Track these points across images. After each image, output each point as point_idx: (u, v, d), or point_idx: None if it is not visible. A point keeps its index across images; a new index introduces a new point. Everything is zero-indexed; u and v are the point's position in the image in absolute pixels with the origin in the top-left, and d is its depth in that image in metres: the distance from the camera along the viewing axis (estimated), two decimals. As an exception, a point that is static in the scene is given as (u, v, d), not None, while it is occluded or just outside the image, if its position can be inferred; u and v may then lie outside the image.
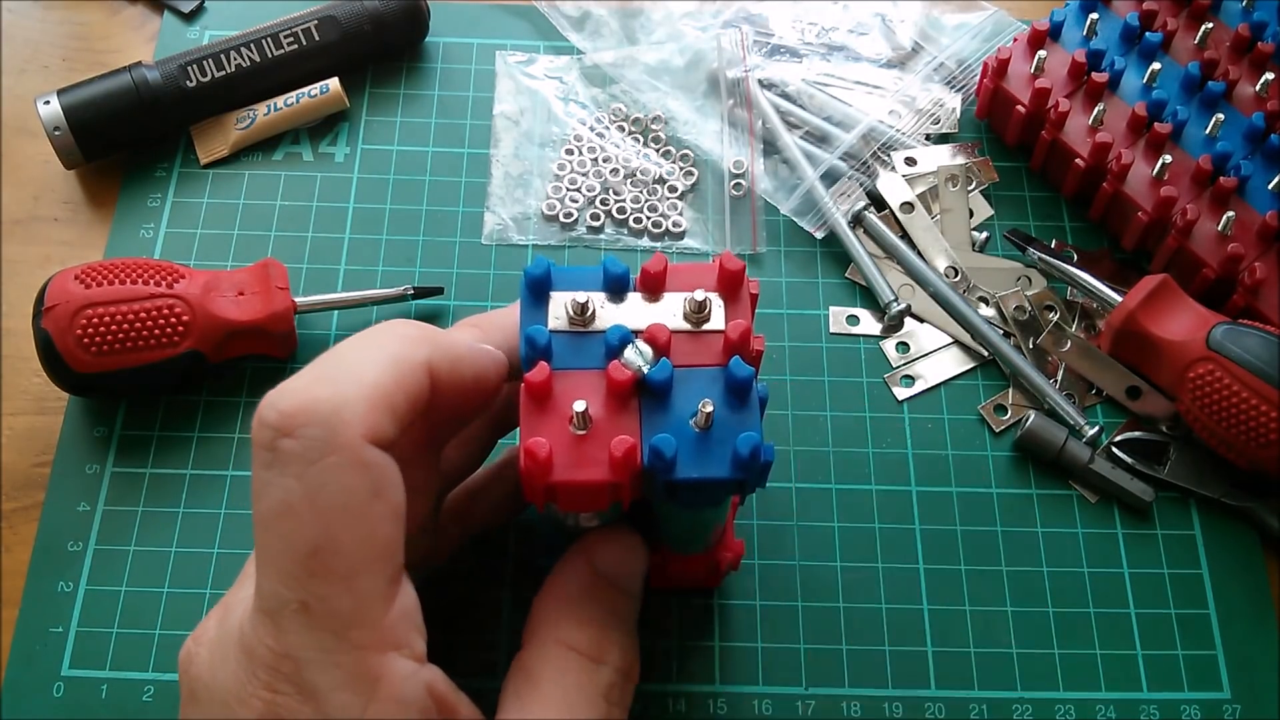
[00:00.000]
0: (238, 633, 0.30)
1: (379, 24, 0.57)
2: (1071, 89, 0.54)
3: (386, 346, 0.32)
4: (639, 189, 0.55)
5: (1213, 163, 0.50)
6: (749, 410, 0.34)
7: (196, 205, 0.54)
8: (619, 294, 0.37)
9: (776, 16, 0.60)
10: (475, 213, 0.55)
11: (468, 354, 0.34)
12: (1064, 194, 0.55)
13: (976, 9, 0.61)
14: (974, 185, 0.56)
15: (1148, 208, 0.51)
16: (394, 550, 0.30)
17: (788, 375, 0.51)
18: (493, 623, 0.45)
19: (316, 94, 0.56)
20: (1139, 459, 0.49)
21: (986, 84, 0.55)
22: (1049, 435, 0.48)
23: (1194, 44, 0.55)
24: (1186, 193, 0.51)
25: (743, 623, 0.46)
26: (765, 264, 0.54)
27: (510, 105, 0.58)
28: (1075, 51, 0.54)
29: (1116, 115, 0.53)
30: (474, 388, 0.35)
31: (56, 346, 0.46)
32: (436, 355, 0.33)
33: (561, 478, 0.33)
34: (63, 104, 0.52)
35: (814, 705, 0.44)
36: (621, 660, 0.36)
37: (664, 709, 0.44)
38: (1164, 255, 0.51)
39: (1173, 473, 0.48)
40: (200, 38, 0.59)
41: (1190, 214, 0.49)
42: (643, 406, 0.35)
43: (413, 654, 0.31)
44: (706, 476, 0.34)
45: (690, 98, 0.58)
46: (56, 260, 0.53)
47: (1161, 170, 0.51)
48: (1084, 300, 0.52)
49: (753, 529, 0.47)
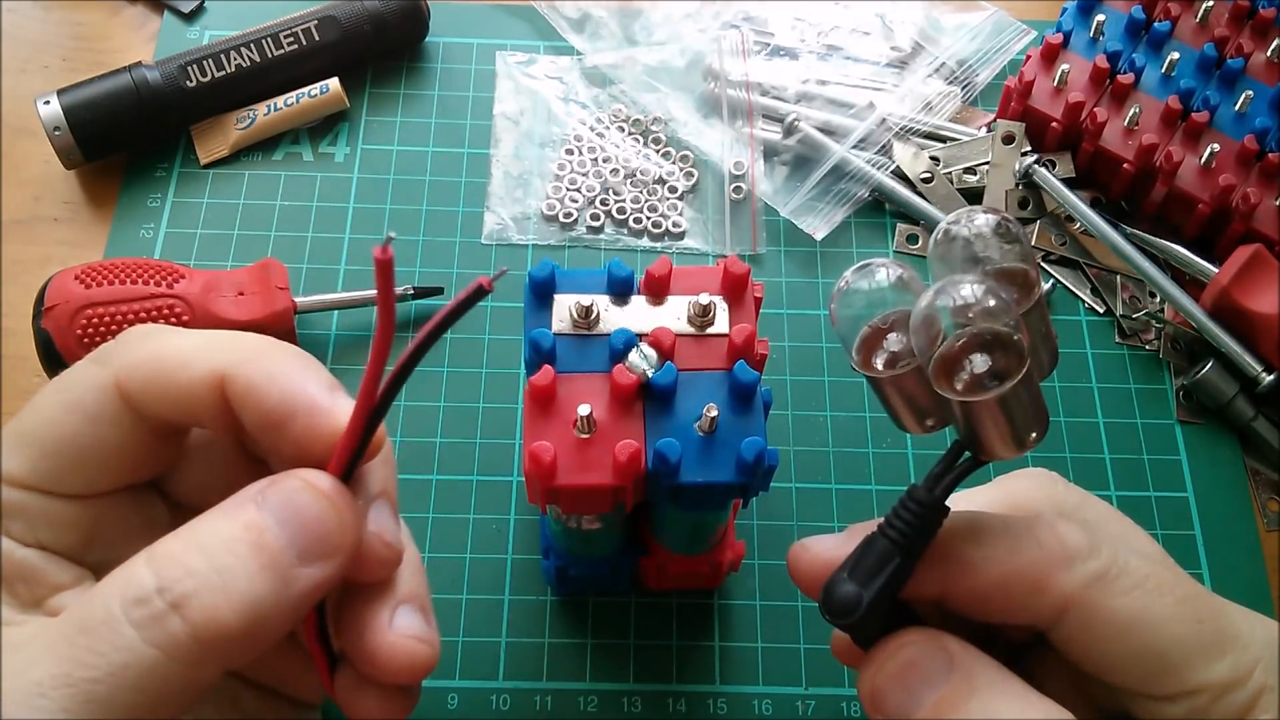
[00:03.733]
0: None
1: (379, 24, 0.57)
2: (1098, 95, 0.54)
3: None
4: (639, 189, 0.56)
5: (1257, 141, 0.51)
6: (753, 414, 0.35)
7: (196, 205, 0.54)
8: (623, 297, 0.37)
9: (776, 17, 0.60)
10: (475, 213, 0.55)
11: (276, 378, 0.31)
12: (1113, 197, 0.55)
13: (976, 9, 0.61)
14: (1026, 149, 0.56)
15: (1206, 198, 0.51)
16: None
17: (788, 376, 0.51)
18: (493, 626, 0.45)
19: (316, 94, 0.56)
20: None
21: (1014, 106, 0.56)
22: (1220, 386, 0.49)
23: (1196, 23, 0.56)
24: (1237, 175, 0.51)
25: (743, 623, 0.46)
26: (765, 264, 0.54)
27: (510, 105, 0.58)
28: (1096, 57, 0.54)
29: (1149, 111, 0.53)
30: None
31: (56, 346, 0.46)
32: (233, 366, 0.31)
33: (565, 481, 0.34)
34: (63, 104, 0.52)
35: (814, 705, 0.44)
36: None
37: (664, 709, 0.44)
38: (1231, 239, 0.52)
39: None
40: (200, 38, 0.59)
41: (1253, 198, 0.50)
42: (646, 410, 0.35)
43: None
44: (710, 481, 0.34)
45: (690, 99, 0.58)
46: (56, 260, 0.53)
47: (1210, 158, 0.52)
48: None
49: (753, 529, 0.47)
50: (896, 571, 0.30)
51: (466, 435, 0.49)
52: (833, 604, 0.30)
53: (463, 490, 0.48)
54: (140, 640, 0.26)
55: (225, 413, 0.31)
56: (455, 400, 0.50)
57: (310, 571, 0.28)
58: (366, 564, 0.31)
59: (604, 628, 0.45)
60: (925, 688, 0.30)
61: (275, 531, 0.28)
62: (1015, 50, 0.60)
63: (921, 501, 0.30)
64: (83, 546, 0.32)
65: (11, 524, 0.30)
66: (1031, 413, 0.29)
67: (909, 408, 0.31)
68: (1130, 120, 0.53)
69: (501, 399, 0.50)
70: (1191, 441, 0.50)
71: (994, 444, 0.29)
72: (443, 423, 0.49)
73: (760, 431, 0.34)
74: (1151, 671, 0.30)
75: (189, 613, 0.26)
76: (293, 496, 0.29)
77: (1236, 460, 0.50)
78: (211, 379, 0.30)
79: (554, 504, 0.35)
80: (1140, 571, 0.31)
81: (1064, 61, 0.55)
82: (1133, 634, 0.30)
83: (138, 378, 0.31)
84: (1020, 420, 0.28)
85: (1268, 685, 0.30)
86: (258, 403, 0.30)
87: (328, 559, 0.29)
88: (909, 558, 0.30)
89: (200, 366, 0.30)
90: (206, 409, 0.31)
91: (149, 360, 0.31)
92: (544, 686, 0.44)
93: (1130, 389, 0.51)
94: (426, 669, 0.31)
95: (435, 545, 0.47)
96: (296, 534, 0.28)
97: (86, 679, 0.26)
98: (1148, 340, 0.52)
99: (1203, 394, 0.50)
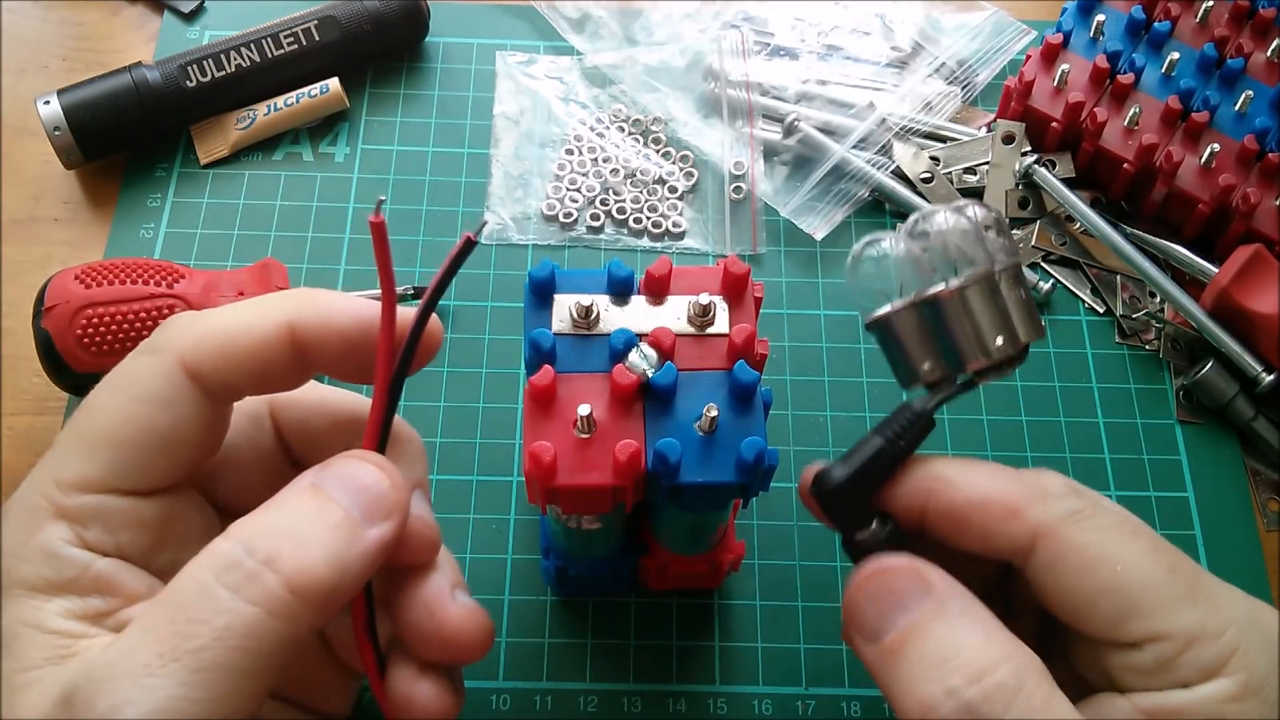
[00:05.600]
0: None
1: (379, 24, 0.57)
2: (1098, 95, 0.54)
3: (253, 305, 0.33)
4: (639, 189, 0.56)
5: (1257, 141, 0.51)
6: (753, 414, 0.35)
7: (196, 205, 0.54)
8: (623, 297, 0.37)
9: (776, 18, 0.60)
10: (475, 213, 0.55)
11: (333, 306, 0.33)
12: (1113, 197, 0.55)
13: (976, 9, 0.61)
14: (1026, 149, 0.56)
15: (1206, 198, 0.51)
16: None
17: (788, 376, 0.51)
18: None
19: (316, 94, 0.56)
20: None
21: (1014, 106, 0.56)
22: (1220, 386, 0.49)
23: (1196, 23, 0.56)
24: (1237, 175, 0.51)
25: (743, 623, 0.46)
26: (765, 264, 0.54)
27: (510, 105, 0.58)
28: (1096, 57, 0.54)
29: (1149, 111, 0.54)
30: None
31: (56, 346, 0.46)
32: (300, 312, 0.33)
33: (565, 482, 0.34)
34: (63, 104, 0.52)
35: (814, 705, 0.44)
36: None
37: (664, 709, 0.44)
38: (1231, 239, 0.52)
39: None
40: (200, 38, 0.59)
41: (1253, 198, 0.50)
42: (647, 410, 0.35)
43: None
44: (710, 481, 0.34)
45: (690, 99, 0.58)
46: (56, 260, 0.53)
47: (1210, 158, 0.52)
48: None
49: (753, 529, 0.47)
50: (877, 457, 0.33)
51: (466, 435, 0.49)
52: (819, 478, 0.33)
53: (463, 490, 0.48)
54: (239, 600, 0.27)
55: (298, 359, 0.33)
56: (455, 400, 0.50)
57: (375, 531, 0.30)
58: (411, 545, 0.33)
59: (604, 628, 0.45)
60: (899, 610, 0.31)
61: (340, 498, 0.30)
62: (1015, 50, 0.60)
63: (915, 410, 0.33)
64: (156, 548, 0.32)
65: (89, 532, 0.31)
66: (999, 322, 0.32)
67: (916, 345, 0.33)
68: (1130, 120, 0.53)
69: (501, 399, 0.50)
70: (1191, 441, 0.50)
71: (967, 347, 0.32)
72: (443, 423, 0.49)
73: (760, 431, 0.34)
74: (1119, 611, 0.30)
75: (281, 565, 0.28)
76: (347, 468, 0.31)
77: (1236, 460, 0.50)
78: (282, 329, 0.32)
79: (554, 504, 0.35)
80: (1117, 516, 0.32)
81: (1064, 61, 0.55)
82: (1101, 569, 0.30)
83: (206, 350, 0.32)
84: (987, 323, 0.32)
85: (1241, 648, 0.30)
86: (338, 330, 0.32)
87: (387, 518, 0.31)
88: (893, 450, 0.33)
89: (267, 323, 0.32)
90: (282, 361, 0.32)
91: (213, 334, 0.32)
92: (544, 686, 0.44)
93: (1130, 389, 0.51)
94: (492, 639, 0.34)
95: (435, 545, 0.47)
96: (357, 498, 0.30)
97: (193, 650, 0.27)
98: (1148, 340, 0.52)
99: (1203, 394, 0.50)
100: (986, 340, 0.32)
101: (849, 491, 0.33)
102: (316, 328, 0.32)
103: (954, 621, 0.30)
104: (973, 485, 0.32)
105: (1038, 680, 0.29)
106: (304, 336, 0.32)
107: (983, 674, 0.29)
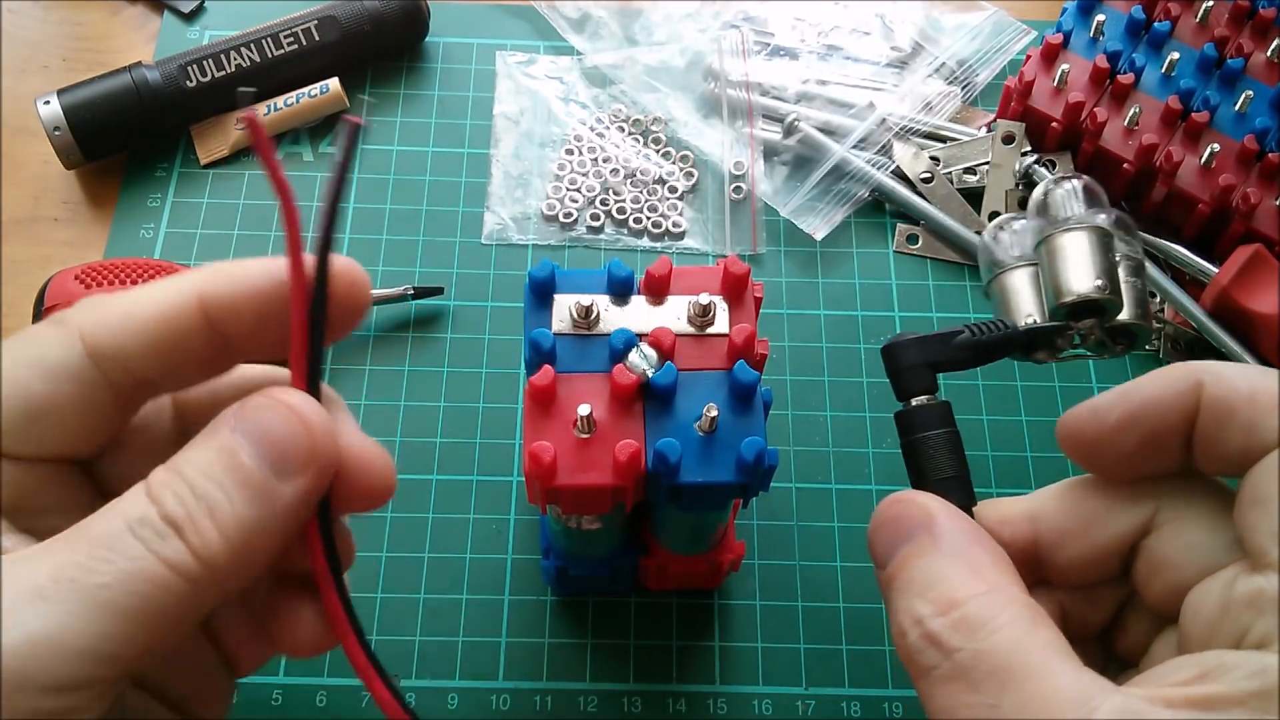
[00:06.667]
0: None
1: (379, 24, 0.57)
2: (1098, 95, 0.54)
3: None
4: (639, 189, 0.56)
5: (1257, 141, 0.51)
6: (753, 414, 0.35)
7: (196, 205, 0.54)
8: (623, 297, 0.37)
9: (776, 17, 0.60)
10: (475, 213, 0.55)
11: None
12: (1113, 197, 0.55)
13: (976, 9, 0.61)
14: (1026, 149, 0.56)
15: (1206, 198, 0.51)
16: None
17: (788, 376, 0.51)
18: (493, 626, 0.45)
19: (316, 94, 0.56)
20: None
21: (1014, 106, 0.56)
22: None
23: (1196, 23, 0.56)
24: (1237, 175, 0.51)
25: (743, 623, 0.46)
26: (765, 264, 0.54)
27: (510, 105, 0.58)
28: (1096, 57, 0.54)
29: (1149, 111, 0.53)
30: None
31: (57, 347, 0.46)
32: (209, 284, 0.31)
33: (566, 482, 0.34)
34: (63, 104, 0.52)
35: (814, 705, 0.44)
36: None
37: (664, 709, 0.44)
38: (1231, 239, 0.52)
39: None
40: (200, 38, 0.59)
41: (1253, 198, 0.50)
42: (647, 410, 0.35)
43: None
44: (710, 481, 0.34)
45: (690, 99, 0.58)
46: (56, 260, 0.53)
47: (1210, 158, 0.52)
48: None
49: (753, 529, 0.47)
50: (953, 334, 0.34)
51: (466, 435, 0.49)
52: (893, 338, 0.34)
53: (463, 490, 0.48)
54: (147, 552, 0.26)
55: (211, 335, 0.31)
56: (455, 400, 0.50)
57: (289, 487, 0.28)
58: (360, 482, 0.31)
59: (604, 628, 0.45)
60: (902, 540, 0.31)
61: (249, 451, 0.28)
62: (1015, 50, 0.60)
63: (1009, 325, 0.35)
64: (9, 513, 0.30)
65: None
66: (1102, 267, 0.36)
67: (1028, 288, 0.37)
68: (1130, 120, 0.53)
69: (501, 399, 0.50)
70: (1191, 441, 0.50)
71: (1070, 278, 0.36)
72: (443, 423, 0.49)
73: (760, 431, 0.34)
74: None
75: (187, 533, 0.27)
76: (260, 415, 0.29)
77: (1236, 460, 0.50)
78: (188, 300, 0.30)
79: (554, 504, 0.35)
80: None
81: (1064, 61, 0.55)
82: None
83: (109, 324, 0.30)
84: (1099, 264, 0.36)
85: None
86: (249, 287, 0.30)
87: (304, 471, 0.29)
88: (972, 336, 0.34)
89: (171, 292, 0.30)
90: (193, 337, 0.30)
91: (118, 306, 0.30)
92: (544, 686, 0.44)
93: (1130, 389, 0.51)
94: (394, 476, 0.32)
95: (435, 545, 0.47)
96: (268, 451, 0.28)
97: (93, 584, 0.26)
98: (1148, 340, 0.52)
99: None
100: (1085, 279, 0.35)
101: (916, 350, 0.34)
102: (226, 291, 0.30)
103: (943, 556, 0.30)
104: (1242, 376, 0.31)
105: (1013, 619, 0.28)
106: (214, 304, 0.30)
107: (951, 606, 0.28)
